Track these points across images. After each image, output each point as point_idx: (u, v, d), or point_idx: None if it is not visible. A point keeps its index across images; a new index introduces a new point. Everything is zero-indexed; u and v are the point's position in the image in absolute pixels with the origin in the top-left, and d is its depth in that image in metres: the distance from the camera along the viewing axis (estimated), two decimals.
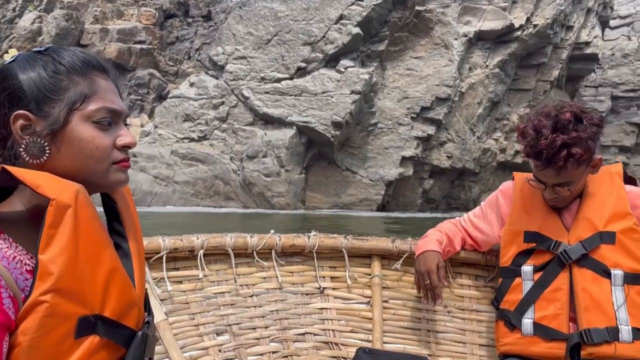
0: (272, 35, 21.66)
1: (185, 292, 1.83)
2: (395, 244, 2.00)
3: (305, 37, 21.09)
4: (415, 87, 21.19)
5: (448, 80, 20.79)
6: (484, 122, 22.41)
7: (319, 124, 20.13)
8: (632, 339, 1.50)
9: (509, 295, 1.67)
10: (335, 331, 1.95)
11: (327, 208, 21.21)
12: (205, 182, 21.21)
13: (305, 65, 21.00)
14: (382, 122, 21.33)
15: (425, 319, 1.99)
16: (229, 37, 22.53)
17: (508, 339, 1.64)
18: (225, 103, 21.97)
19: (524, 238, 1.67)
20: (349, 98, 19.99)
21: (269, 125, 21.16)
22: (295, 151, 20.47)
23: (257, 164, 20.29)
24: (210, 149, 21.49)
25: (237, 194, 20.92)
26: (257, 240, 1.92)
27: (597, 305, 1.54)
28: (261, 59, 21.66)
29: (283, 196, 20.04)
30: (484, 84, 21.70)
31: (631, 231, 1.57)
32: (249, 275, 1.94)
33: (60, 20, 33.44)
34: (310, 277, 2.00)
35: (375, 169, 21.16)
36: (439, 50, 21.28)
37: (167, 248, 1.78)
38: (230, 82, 21.94)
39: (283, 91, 20.92)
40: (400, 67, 21.68)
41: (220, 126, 21.85)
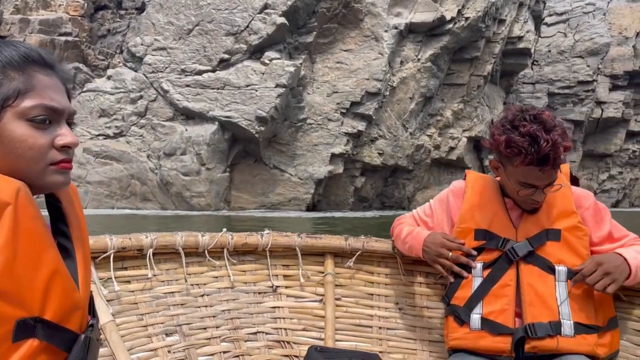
0: (194, 25, 20.33)
1: (134, 292, 1.77)
2: (349, 241, 1.99)
3: (228, 27, 19.85)
4: (345, 81, 20.30)
5: (378, 74, 19.98)
6: (417, 117, 21.74)
7: (242, 119, 18.95)
8: (574, 333, 1.55)
9: (460, 292, 1.69)
10: (287, 330, 1.94)
11: (253, 208, 20.06)
12: (120, 182, 19.70)
13: (228, 57, 19.77)
14: (311, 118, 20.34)
15: (377, 316, 1.99)
16: (148, 27, 21.04)
17: (457, 334, 1.66)
18: (144, 97, 20.49)
19: (475, 236, 1.69)
20: (274, 92, 18.90)
21: (190, 121, 19.83)
22: (218, 148, 19.22)
23: (175, 161, 18.94)
24: (126, 147, 19.98)
25: (154, 195, 19.50)
26: (208, 239, 1.88)
27: (541, 301, 1.58)
28: (182, 50, 20.29)
29: (203, 196, 18.76)
30: (416, 78, 21.02)
31: (575, 229, 1.63)
32: (200, 274, 1.90)
33: None
34: (262, 275, 1.99)
35: (304, 167, 20.15)
36: (369, 43, 20.45)
37: (114, 247, 1.72)
38: (149, 74, 20.47)
39: (205, 84, 19.63)
40: (329, 60, 20.73)
41: (138, 122, 20.35)
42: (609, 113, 32.47)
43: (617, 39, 32.94)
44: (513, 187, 1.63)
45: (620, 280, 1.54)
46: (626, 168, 34.24)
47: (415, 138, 21.78)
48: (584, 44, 31.22)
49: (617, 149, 33.48)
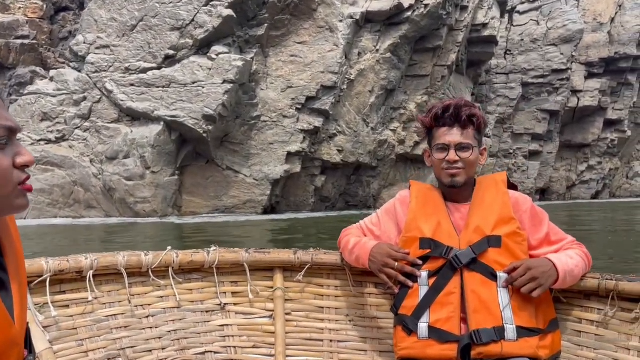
0: (138, 21, 19.17)
1: (73, 316, 1.69)
2: (297, 255, 1.97)
3: (172, 21, 18.71)
4: (300, 75, 19.22)
5: (334, 66, 18.92)
6: (379, 112, 20.70)
7: (188, 118, 17.82)
8: (517, 337, 1.58)
9: (407, 301, 1.70)
10: (236, 348, 1.91)
11: (206, 213, 18.93)
12: (63, 190, 18.52)
13: (174, 53, 18.63)
14: (265, 115, 19.24)
15: (328, 329, 1.97)
16: (91, 24, 19.86)
17: (405, 343, 1.68)
18: (88, 98, 19.31)
19: (420, 245, 1.72)
20: (221, 88, 17.79)
21: (136, 122, 18.68)
22: (164, 150, 18.09)
23: (118, 166, 17.78)
24: (68, 152, 18.79)
25: (98, 202, 18.34)
26: (152, 258, 1.82)
27: (485, 307, 1.61)
28: (126, 47, 19.13)
29: (148, 202, 17.62)
30: (375, 70, 19.97)
31: (515, 235, 1.67)
32: (145, 295, 1.83)
33: None
34: (210, 293, 1.92)
35: (260, 167, 19.06)
36: (323, 34, 19.38)
37: (51, 270, 1.63)
38: (92, 74, 19.30)
39: (149, 83, 18.48)
40: (283, 54, 19.64)
41: (82, 125, 19.17)
42: (585, 102, 31.60)
43: (591, 25, 32.08)
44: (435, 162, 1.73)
45: (547, 285, 1.62)
46: (605, 158, 33.41)
47: (378, 133, 20.74)
48: (557, 31, 30.32)
49: (595, 138, 32.64)
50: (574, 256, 1.70)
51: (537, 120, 30.77)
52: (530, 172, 30.90)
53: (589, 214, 18.88)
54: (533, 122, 30.74)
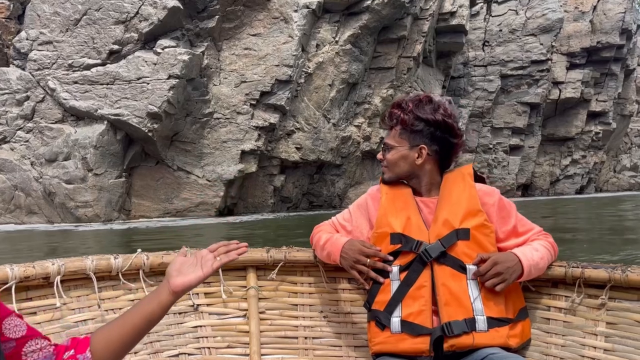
0: (81, 15, 18.10)
1: (41, 323, 1.66)
2: (270, 253, 1.97)
3: (117, 14, 17.65)
4: (254, 69, 18.16)
5: (288, 59, 17.86)
6: (341, 106, 19.65)
7: (132, 116, 16.78)
8: (487, 328, 1.60)
9: (379, 296, 1.72)
10: (211, 348, 1.89)
11: (156, 216, 17.88)
12: (3, 194, 17.47)
13: (119, 48, 17.57)
14: (218, 112, 18.19)
15: (302, 326, 1.98)
16: (34, 19, 18.79)
17: (379, 338, 1.69)
18: (31, 98, 18.25)
19: (391, 240, 1.73)
20: (167, 84, 16.73)
21: (81, 122, 17.62)
22: (108, 150, 17.04)
23: (57, 168, 16.74)
24: (9, 154, 17.74)
25: (40, 207, 17.30)
26: (122, 261, 1.79)
27: (455, 299, 1.62)
28: (69, 43, 18.06)
29: (90, 206, 16.56)
30: (334, 63, 18.92)
31: (482, 227, 1.69)
32: (115, 299, 1.81)
33: None
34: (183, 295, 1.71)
35: (213, 167, 18.01)
36: (278, 25, 18.32)
37: (16, 277, 1.60)
38: (35, 72, 18.23)
39: (93, 80, 17.42)
40: (237, 47, 18.59)
41: (25, 125, 18.11)
42: (567, 94, 30.52)
43: (573, 14, 31.00)
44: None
45: (510, 280, 1.65)
46: (589, 151, 32.34)
47: (340, 129, 19.69)
48: (536, 20, 29.24)
49: (578, 131, 31.56)
50: (539, 248, 1.72)
51: (517, 113, 29.70)
52: (511, 167, 29.85)
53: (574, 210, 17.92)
54: (513, 115, 29.67)
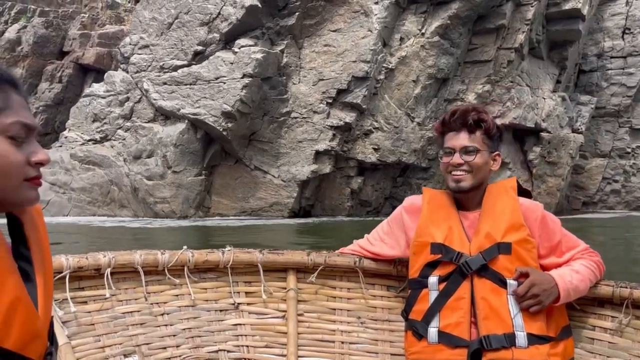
0: (174, 18, 18.95)
1: (91, 312, 1.74)
2: (311, 256, 1.99)
3: (202, 16, 18.15)
4: (331, 66, 17.46)
5: (366, 54, 16.85)
6: (428, 104, 18.10)
7: (209, 115, 17.08)
8: (527, 344, 1.59)
9: (417, 306, 1.72)
10: (249, 347, 1.93)
11: (233, 215, 18.05)
12: (101, 188, 18.91)
13: (203, 49, 18.05)
14: (295, 111, 17.82)
15: (340, 331, 1.99)
16: (136, 25, 20.14)
17: (416, 347, 1.69)
18: (130, 99, 19.57)
19: (431, 249, 1.72)
20: (240, 83, 16.75)
21: (168, 121, 18.43)
22: (188, 149, 17.55)
23: (141, 165, 17.63)
24: (108, 151, 19.17)
25: (129, 201, 18.40)
26: (168, 256, 1.86)
27: (495, 313, 1.62)
28: (162, 45, 19.01)
29: (167, 202, 17.18)
30: (420, 57, 17.45)
31: (525, 242, 1.67)
32: (160, 293, 1.88)
33: (38, 29, 32.99)
34: (224, 293, 1.96)
35: (288, 167, 17.68)
36: (358, 19, 17.40)
37: (70, 267, 1.69)
38: (134, 74, 19.51)
39: (179, 80, 18.11)
40: (317, 44, 18.04)
41: (124, 125, 19.46)
42: None
43: None
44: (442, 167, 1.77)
45: (546, 303, 1.63)
46: None
47: (427, 129, 18.14)
48: None
49: None
50: (580, 269, 1.68)
51: None
52: None
53: None
54: None
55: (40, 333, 0.88)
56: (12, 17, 34.20)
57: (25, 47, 32.65)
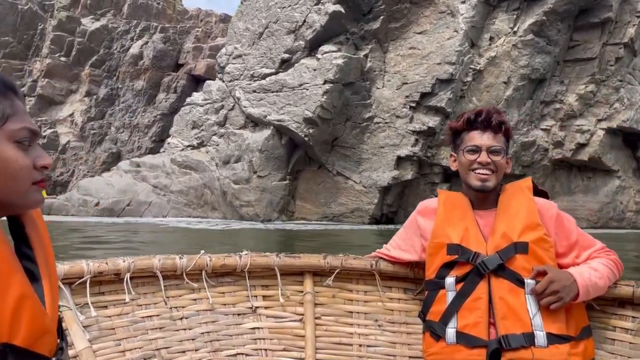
0: (264, 28, 19.60)
1: (111, 317, 1.75)
2: (327, 260, 1.97)
3: (288, 24, 18.56)
4: (416, 69, 16.96)
5: (451, 56, 16.14)
6: (521, 107, 16.87)
7: (292, 121, 17.39)
8: (547, 344, 1.58)
9: (434, 307, 1.71)
10: (267, 350, 1.93)
11: (316, 220, 18.17)
12: (196, 191, 20.03)
13: (289, 57, 18.44)
14: (378, 116, 17.55)
15: (357, 334, 1.97)
16: (232, 36, 21.13)
17: (434, 348, 1.68)
18: (225, 106, 20.56)
19: (447, 250, 1.70)
20: (321, 89, 16.85)
21: (257, 127, 19.07)
22: (273, 154, 18.00)
23: (229, 169, 18.37)
24: (203, 156, 20.26)
25: (219, 204, 19.26)
26: (186, 261, 1.85)
27: (513, 313, 1.60)
28: (253, 55, 19.74)
29: (252, 205, 17.71)
30: (511, 57, 16.35)
31: (542, 241, 1.66)
32: (179, 297, 1.88)
33: (157, 44, 35.94)
34: (242, 297, 1.97)
35: (369, 173, 17.45)
36: (444, 20, 16.73)
37: (91, 272, 1.70)
38: (228, 83, 20.48)
39: (266, 88, 18.68)
40: (402, 47, 17.63)
41: (218, 131, 20.48)
42: None
43: None
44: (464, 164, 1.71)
45: (566, 300, 1.60)
46: None
47: (521, 134, 16.94)
48: None
49: None
50: (599, 267, 1.67)
51: None
52: None
53: None
54: None
55: (49, 329, 0.90)
56: (137, 34, 37.58)
57: (146, 61, 35.74)
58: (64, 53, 34.82)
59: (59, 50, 34.54)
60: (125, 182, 21.05)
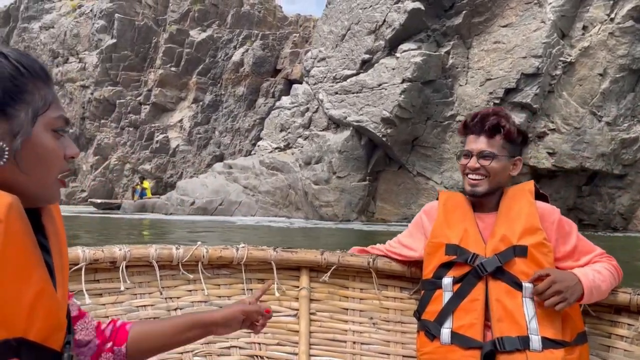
0: (346, 30, 19.72)
1: (105, 305, 1.77)
2: (324, 256, 2.00)
3: (369, 24, 18.51)
4: (500, 64, 16.12)
5: (537, 48, 15.13)
6: (620, 101, 15.36)
7: (370, 122, 17.32)
8: (542, 348, 1.56)
9: (430, 307, 1.72)
10: (261, 344, 1.95)
11: (395, 221, 17.92)
12: (282, 192, 20.61)
13: (369, 57, 18.39)
14: (461, 114, 16.92)
15: (352, 331, 2.00)
16: (317, 40, 21.51)
17: (428, 348, 1.69)
18: (310, 109, 20.99)
19: (445, 251, 1.73)
20: (399, 88, 16.60)
21: (338, 129, 19.23)
22: (352, 155, 18.04)
23: (310, 170, 18.68)
24: (289, 157, 20.81)
25: (302, 204, 19.65)
26: (182, 252, 1.88)
27: (509, 316, 1.59)
28: (336, 57, 19.94)
29: (331, 206, 17.86)
30: (607, 47, 14.96)
31: (541, 245, 1.65)
32: (174, 288, 1.91)
33: (257, 51, 37.47)
34: (237, 289, 1.98)
35: (450, 174, 16.89)
36: (531, 11, 15.73)
37: (86, 259, 1.72)
38: (313, 86, 20.87)
39: (347, 89, 18.78)
40: (487, 42, 16.85)
41: (303, 133, 20.95)
42: None
43: None
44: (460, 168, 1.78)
45: (571, 300, 1.58)
46: None
47: (621, 130, 15.46)
48: None
49: None
50: (602, 271, 1.66)
51: None
52: None
53: None
54: None
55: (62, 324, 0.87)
56: (240, 42, 39.39)
57: (247, 67, 37.37)
58: (174, 63, 37.29)
59: (170, 61, 37.04)
60: (218, 182, 22.21)
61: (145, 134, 35.11)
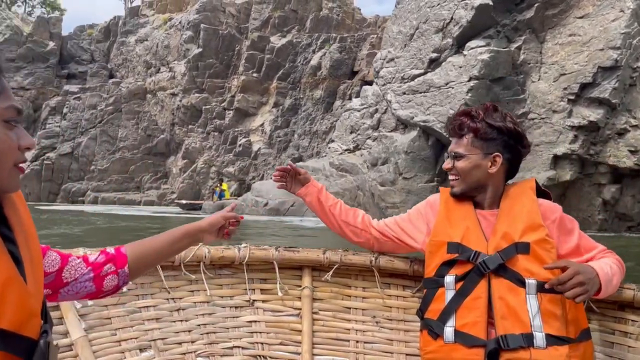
0: (415, 29, 19.47)
1: (107, 306, 1.78)
2: (327, 255, 2.00)
3: (436, 22, 18.15)
4: (575, 58, 15.19)
5: (615, 40, 14.11)
6: None
7: (437, 122, 16.97)
8: (546, 345, 1.57)
9: (433, 305, 1.72)
10: (264, 344, 1.95)
11: None
12: (350, 193, 20.69)
13: (437, 56, 18.03)
14: (533, 112, 16.14)
15: (355, 330, 2.01)
16: (386, 41, 21.41)
17: (431, 347, 1.70)
18: (379, 110, 20.93)
19: (447, 249, 1.73)
20: (466, 86, 16.13)
21: (406, 129, 19.02)
22: (419, 156, 17.75)
23: (376, 172, 18.60)
24: (357, 159, 20.87)
25: (369, 205, 19.59)
26: (184, 252, 1.84)
27: (513, 313, 1.60)
28: (404, 57, 19.73)
29: (397, 207, 17.66)
30: None
31: (543, 242, 1.65)
32: (176, 288, 1.91)
33: (334, 54, 37.84)
34: (240, 289, 2.00)
35: (522, 173, 16.07)
36: (609, 1, 14.67)
37: None
38: (382, 87, 20.80)
39: (415, 89, 18.53)
40: (561, 35, 15.94)
41: (372, 134, 20.92)
42: None
43: None
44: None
45: (592, 292, 1.58)
46: None
47: None
48: None
49: None
50: (612, 265, 1.65)
51: None
52: None
53: None
54: None
55: (35, 312, 0.87)
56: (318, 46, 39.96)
57: (324, 71, 37.84)
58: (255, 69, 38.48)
59: (252, 67, 38.27)
60: None
61: (229, 138, 36.57)
